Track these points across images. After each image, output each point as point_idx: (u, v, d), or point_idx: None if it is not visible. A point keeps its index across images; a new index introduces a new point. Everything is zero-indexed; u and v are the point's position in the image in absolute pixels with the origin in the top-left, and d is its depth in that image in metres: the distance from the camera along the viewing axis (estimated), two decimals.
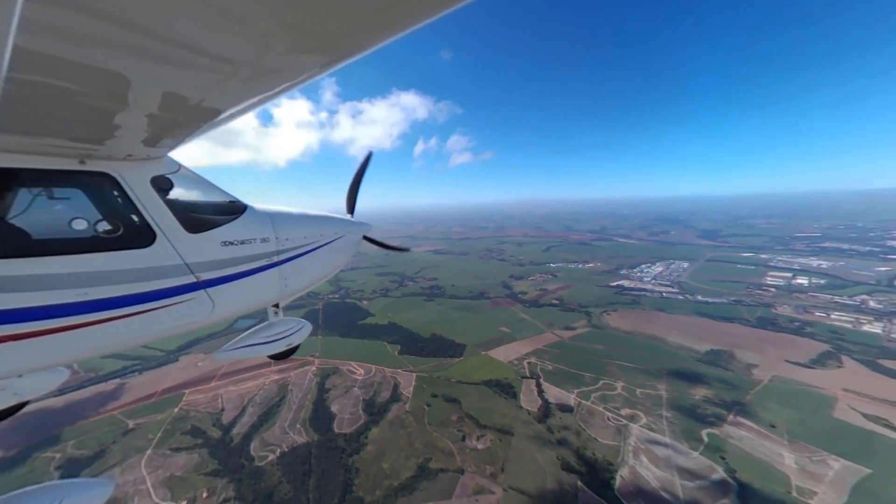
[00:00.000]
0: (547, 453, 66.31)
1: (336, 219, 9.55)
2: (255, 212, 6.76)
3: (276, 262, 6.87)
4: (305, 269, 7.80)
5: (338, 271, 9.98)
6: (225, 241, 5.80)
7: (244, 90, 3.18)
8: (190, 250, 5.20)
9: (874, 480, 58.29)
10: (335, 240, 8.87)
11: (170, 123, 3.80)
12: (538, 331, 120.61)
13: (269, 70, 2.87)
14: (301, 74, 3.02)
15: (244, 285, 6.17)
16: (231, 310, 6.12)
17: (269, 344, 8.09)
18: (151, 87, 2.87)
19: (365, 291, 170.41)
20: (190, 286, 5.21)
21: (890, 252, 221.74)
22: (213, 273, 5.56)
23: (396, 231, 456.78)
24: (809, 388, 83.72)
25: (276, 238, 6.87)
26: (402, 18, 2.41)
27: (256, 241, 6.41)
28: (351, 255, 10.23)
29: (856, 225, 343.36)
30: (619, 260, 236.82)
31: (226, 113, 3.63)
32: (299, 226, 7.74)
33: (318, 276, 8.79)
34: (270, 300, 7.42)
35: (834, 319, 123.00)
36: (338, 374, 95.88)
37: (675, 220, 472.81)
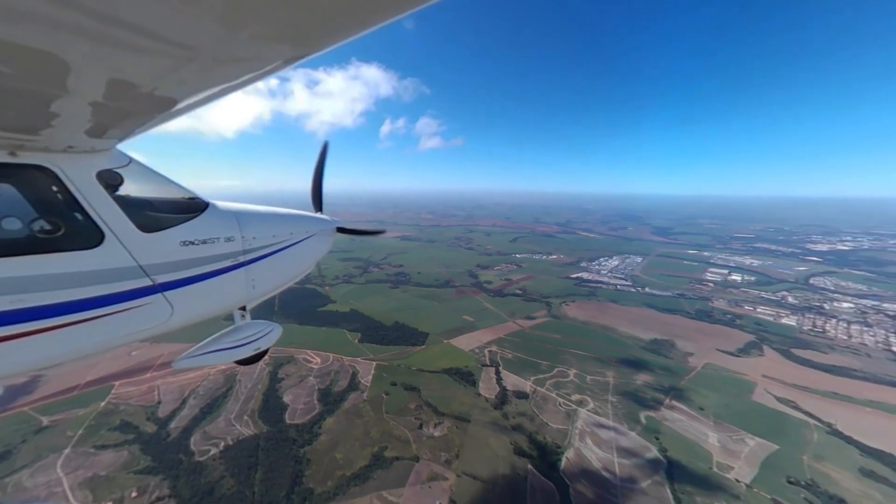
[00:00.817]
0: (501, 439, 68.02)
1: (307, 217, 9.31)
2: (218, 210, 6.43)
3: (242, 262, 6.57)
4: (275, 269, 7.55)
5: (309, 271, 9.73)
6: (184, 241, 5.47)
7: (203, 79, 2.92)
8: (144, 251, 4.87)
9: (780, 455, 66.04)
10: (306, 238, 8.59)
11: (117, 113, 3.48)
12: (500, 320, 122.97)
13: (231, 58, 2.63)
14: (266, 65, 2.80)
15: (207, 288, 5.87)
16: (193, 314, 5.82)
17: (235, 349, 7.67)
18: (95, 73, 2.56)
19: (327, 277, 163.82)
20: (145, 290, 4.89)
21: (808, 254, 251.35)
22: (172, 275, 5.24)
23: (365, 215, 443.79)
24: (735, 375, 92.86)
25: (243, 237, 6.58)
26: (381, 9, 2.23)
27: (220, 241, 6.10)
28: (323, 254, 10.04)
29: (783, 228, 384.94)
30: (580, 253, 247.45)
31: (182, 103, 3.34)
32: (267, 224, 7.44)
33: (289, 277, 8.55)
34: (237, 303, 7.18)
35: (759, 313, 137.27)
36: (292, 363, 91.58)
37: (633, 217, 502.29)
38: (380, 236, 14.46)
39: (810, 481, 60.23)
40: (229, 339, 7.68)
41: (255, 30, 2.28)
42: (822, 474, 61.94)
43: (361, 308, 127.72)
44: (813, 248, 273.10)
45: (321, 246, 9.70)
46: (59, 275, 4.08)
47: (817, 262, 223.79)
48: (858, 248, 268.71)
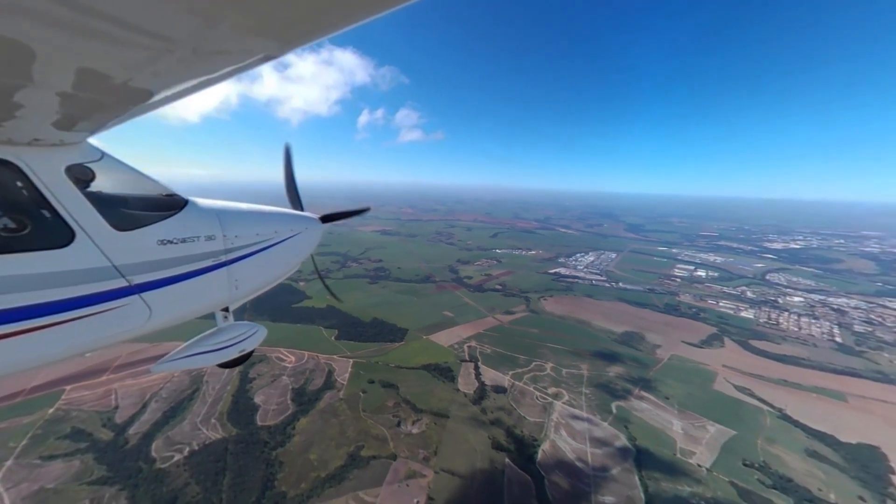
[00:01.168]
0: (479, 434, 68.51)
1: (293, 215, 9.18)
2: (198, 207, 6.25)
3: (224, 261, 6.38)
4: (259, 269, 7.32)
5: (294, 270, 9.43)
6: (162, 240, 5.28)
7: (181, 71, 2.80)
8: (119, 250, 4.68)
9: (737, 440, 70.49)
10: (292, 237, 8.37)
11: (89, 105, 3.31)
12: (480, 315, 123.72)
13: (212, 51, 2.53)
14: (249, 58, 2.71)
15: (187, 288, 5.70)
16: (172, 315, 5.68)
17: (218, 351, 7.46)
18: (63, 62, 2.43)
19: (303, 272, 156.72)
20: (121, 291, 4.72)
21: (765, 251, 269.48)
22: (149, 275, 5.06)
23: (342, 208, 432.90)
24: (698, 365, 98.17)
25: (224, 236, 6.39)
26: (369, 4, 2.21)
27: (200, 240, 5.92)
28: (308, 253, 9.83)
29: (744, 227, 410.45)
30: (558, 248, 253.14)
31: (159, 95, 3.20)
32: (251, 222, 7.24)
33: (273, 277, 8.34)
34: (219, 304, 7.00)
35: (721, 307, 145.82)
36: (265, 361, 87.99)
37: (608, 215, 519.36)
38: (364, 214, 13.74)
39: (763, 463, 64.68)
40: (212, 342, 7.46)
41: (237, 22, 2.17)
42: (773, 456, 66.65)
43: (339, 304, 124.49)
44: (769, 246, 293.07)
45: (307, 244, 9.49)
46: (25, 276, 3.87)
47: (773, 260, 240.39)
48: (808, 247, 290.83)
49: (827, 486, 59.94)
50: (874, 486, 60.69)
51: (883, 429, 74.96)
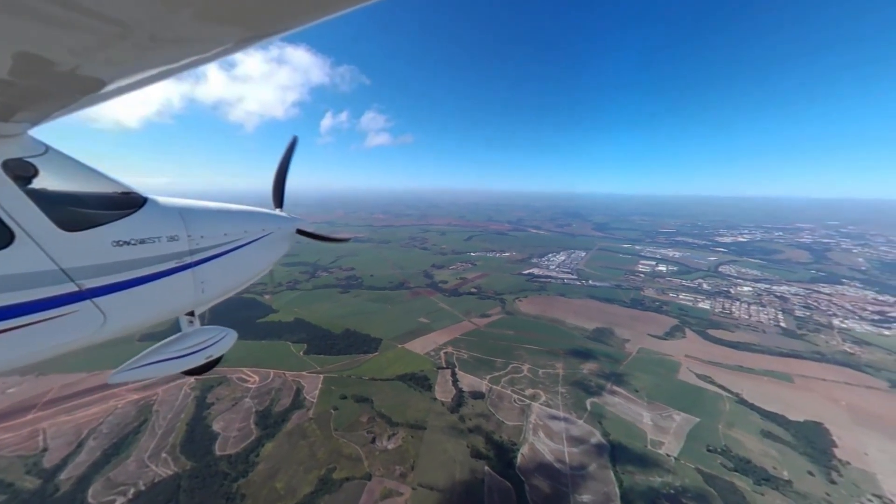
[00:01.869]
0: (458, 443, 67.01)
1: (263, 213, 8.78)
2: (159, 206, 5.93)
3: (189, 263, 6.12)
4: (227, 270, 7.12)
5: (266, 272, 9.17)
6: (117, 241, 4.99)
7: (139, 60, 2.61)
8: (67, 252, 4.43)
9: (701, 427, 74.03)
10: (262, 237, 8.16)
11: (29, 93, 3.08)
12: (456, 320, 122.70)
13: (172, 39, 2.35)
14: (213, 47, 2.54)
15: (147, 292, 5.38)
16: (130, 321, 5.34)
17: (183, 358, 7.07)
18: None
19: (268, 285, 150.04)
20: (70, 296, 4.46)
21: (717, 245, 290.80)
22: (103, 279, 4.78)
23: (312, 216, 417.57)
24: (663, 357, 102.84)
25: (189, 236, 6.12)
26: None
27: (162, 240, 5.62)
28: (281, 253, 9.53)
29: (697, 224, 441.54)
30: (531, 249, 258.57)
31: (113, 85, 2.99)
32: (218, 221, 6.98)
33: (243, 279, 8.16)
34: (183, 307, 6.79)
35: (681, 299, 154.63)
36: (225, 384, 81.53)
37: (576, 215, 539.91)
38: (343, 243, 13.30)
39: (725, 448, 68.19)
40: (176, 348, 7.09)
41: (202, 8, 2.03)
42: (733, 440, 70.51)
43: (308, 316, 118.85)
44: (720, 240, 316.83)
45: (280, 245, 9.15)
46: None
47: (724, 253, 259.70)
48: (753, 240, 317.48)
49: (780, 465, 64.10)
50: (820, 460, 65.70)
51: (824, 405, 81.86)
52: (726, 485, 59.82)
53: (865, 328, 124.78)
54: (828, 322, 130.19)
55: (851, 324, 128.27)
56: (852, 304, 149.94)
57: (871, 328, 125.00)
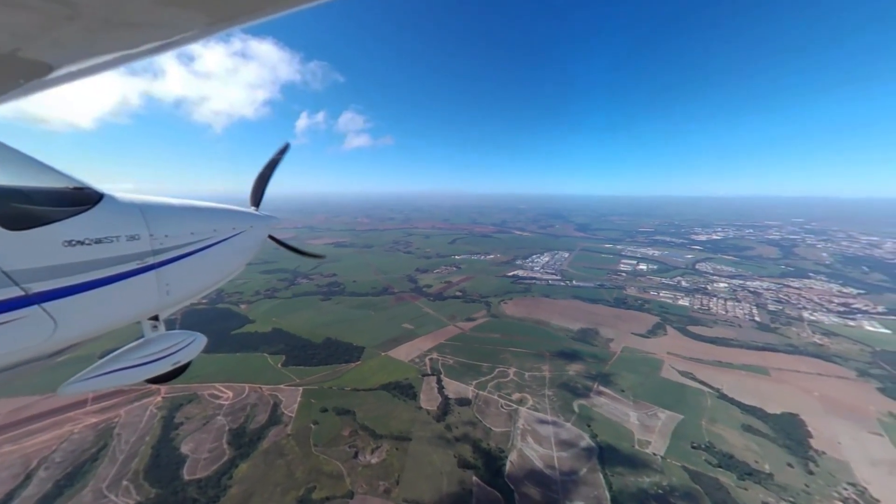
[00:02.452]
0: (445, 453, 64.87)
1: (234, 211, 8.44)
2: (117, 202, 5.57)
3: (151, 264, 5.82)
4: (194, 271, 6.89)
5: (238, 272, 8.85)
6: (69, 241, 4.70)
7: (89, 44, 2.39)
8: (11, 253, 4.20)
9: (685, 424, 74.75)
10: (234, 236, 7.90)
11: None
12: (441, 325, 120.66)
13: (127, 22, 2.21)
14: (174, 33, 2.37)
15: (104, 296, 5.09)
16: (86, 328, 5.08)
17: (146, 365, 6.67)
18: None
19: (245, 293, 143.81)
20: (15, 301, 4.19)
21: (693, 244, 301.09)
22: (53, 282, 4.52)
23: (292, 221, 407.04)
24: (647, 355, 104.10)
25: (151, 235, 5.82)
26: None
27: (121, 240, 5.32)
28: (254, 253, 9.24)
29: (674, 223, 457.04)
30: (515, 251, 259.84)
31: (61, 70, 2.75)
32: (184, 219, 6.69)
33: (212, 280, 7.97)
34: (146, 312, 6.48)
35: (662, 297, 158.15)
36: (195, 401, 76.51)
37: (559, 216, 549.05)
38: (285, 154, 11.83)
39: (708, 444, 68.88)
40: (138, 355, 6.66)
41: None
42: (716, 435, 71.40)
43: (286, 326, 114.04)
44: (696, 238, 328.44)
45: (252, 244, 8.84)
46: None
47: (700, 251, 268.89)
48: (727, 238, 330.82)
49: (762, 458, 65.16)
50: (798, 452, 67.26)
51: (799, 396, 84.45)
52: (711, 481, 60.16)
53: (832, 320, 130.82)
54: (798, 315, 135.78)
55: (820, 316, 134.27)
56: (819, 297, 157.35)
57: (837, 320, 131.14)
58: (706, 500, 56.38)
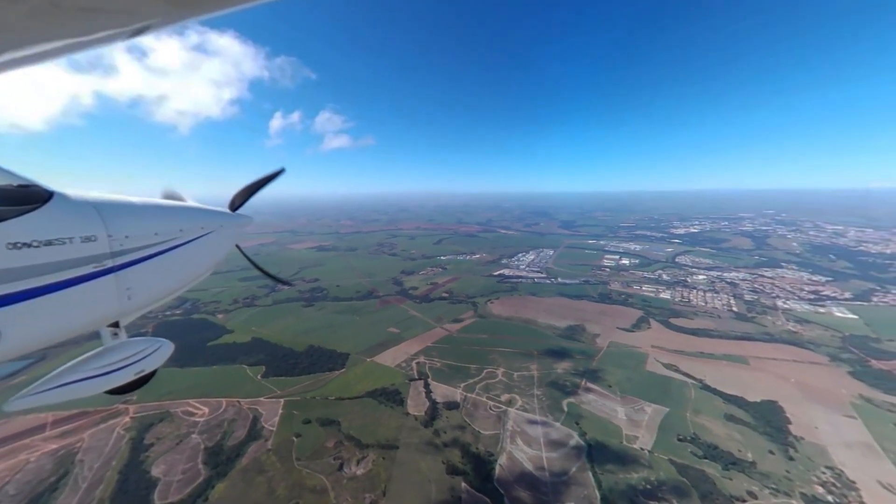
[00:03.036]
0: (433, 460, 63.21)
1: (202, 210, 8.04)
2: (70, 201, 5.25)
3: (110, 267, 5.49)
4: (159, 274, 6.50)
5: (208, 275, 8.54)
6: (14, 243, 4.43)
7: (36, 28, 2.17)
8: None
9: (670, 417, 75.62)
10: (202, 236, 7.54)
11: None
12: (428, 327, 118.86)
13: (78, 7, 2.05)
14: (131, 21, 2.18)
15: (56, 302, 4.78)
16: (35, 337, 4.73)
17: (108, 375, 6.31)
18: None
19: (222, 302, 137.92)
20: None
21: (672, 237, 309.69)
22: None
23: (272, 225, 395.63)
24: (632, 349, 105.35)
25: (110, 236, 5.50)
26: None
27: (74, 241, 5.01)
28: (225, 254, 9.02)
29: (653, 217, 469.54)
30: (501, 250, 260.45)
31: (4, 56, 2.53)
32: (147, 219, 6.32)
33: (179, 283, 7.51)
34: (105, 318, 5.97)
35: (644, 290, 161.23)
36: (167, 420, 72.16)
37: (543, 213, 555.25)
38: (278, 177, 11.29)
39: (694, 435, 69.78)
40: (98, 364, 6.28)
41: None
42: (700, 426, 72.46)
43: (266, 335, 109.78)
44: (675, 232, 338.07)
45: (222, 245, 8.53)
46: None
47: (679, 244, 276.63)
48: (704, 230, 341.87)
49: (745, 447, 66.42)
50: (778, 438, 68.95)
51: (776, 384, 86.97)
52: (698, 473, 60.76)
53: (804, 307, 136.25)
54: (773, 304, 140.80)
55: (792, 304, 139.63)
56: (791, 285, 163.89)
57: (808, 307, 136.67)
58: (693, 493, 56.80)
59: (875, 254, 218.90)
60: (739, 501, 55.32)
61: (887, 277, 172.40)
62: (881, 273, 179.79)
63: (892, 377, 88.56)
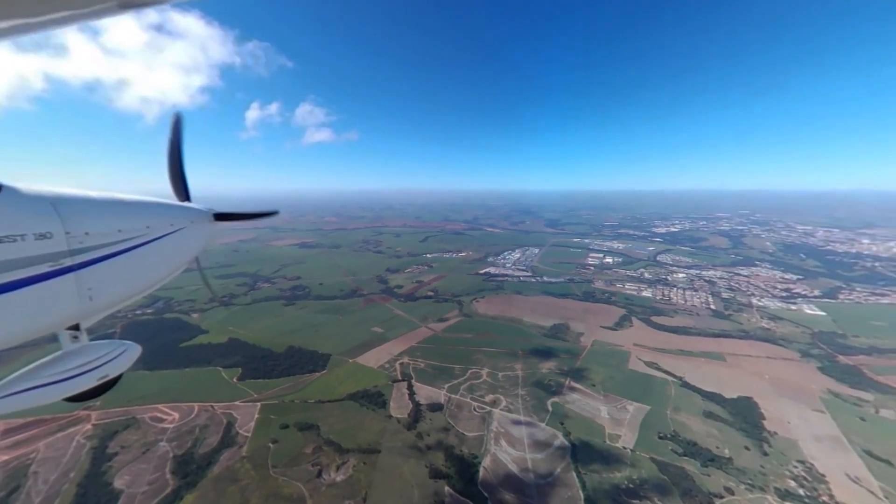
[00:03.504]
0: (416, 464, 61.76)
1: (170, 206, 7.80)
2: (21, 195, 4.97)
3: (68, 266, 5.24)
4: (124, 273, 6.21)
5: (178, 273, 8.18)
6: None
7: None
8: None
9: (652, 415, 76.64)
10: (171, 233, 7.19)
11: None
12: (413, 326, 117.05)
13: None
14: (86, 4, 2.07)
15: (6, 303, 4.55)
16: None
17: (69, 381, 5.94)
18: None
19: (197, 301, 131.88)
20: None
21: (654, 236, 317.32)
22: None
23: (252, 221, 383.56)
24: (615, 347, 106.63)
25: (67, 233, 5.25)
26: None
27: (27, 238, 4.76)
28: (196, 252, 8.68)
29: (636, 216, 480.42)
30: (487, 248, 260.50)
31: None
32: (109, 215, 6.05)
33: (146, 283, 7.19)
34: (63, 320, 5.76)
35: (626, 289, 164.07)
36: (134, 427, 68.00)
37: (529, 212, 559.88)
38: (273, 216, 11.19)
39: (674, 433, 70.84)
40: (57, 370, 5.91)
41: None
42: (680, 424, 73.68)
43: (244, 335, 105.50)
44: (656, 231, 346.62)
45: (193, 243, 8.19)
46: None
47: (660, 243, 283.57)
48: (684, 230, 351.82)
49: (722, 444, 67.85)
50: (753, 434, 70.81)
51: (751, 380, 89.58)
52: (678, 470, 61.55)
53: (777, 305, 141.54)
54: (748, 301, 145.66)
55: (766, 302, 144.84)
56: (765, 283, 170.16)
57: (781, 304, 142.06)
58: (674, 491, 57.45)
59: (842, 253, 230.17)
60: (718, 498, 56.31)
61: (853, 276, 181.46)
62: (847, 272, 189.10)
63: (857, 372, 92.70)
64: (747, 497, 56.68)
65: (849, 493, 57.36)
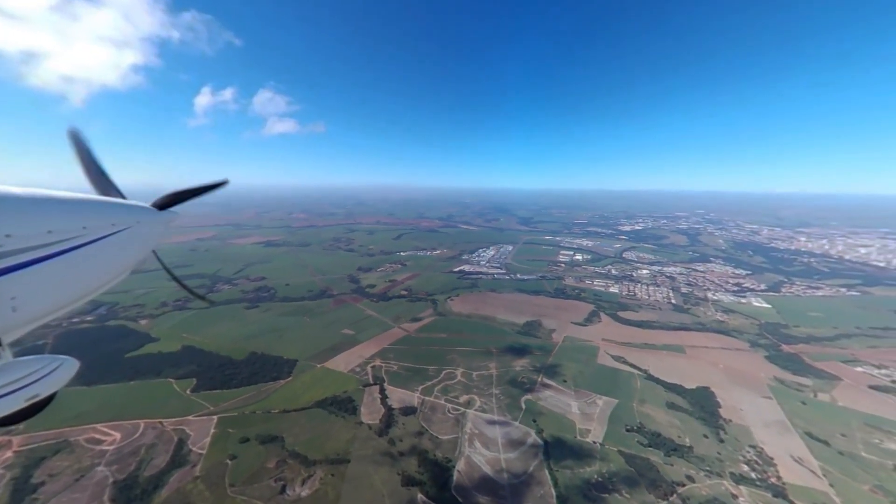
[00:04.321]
0: (387, 472, 59.47)
1: (113, 203, 7.17)
2: None
3: None
4: (55, 280, 5.61)
5: (122, 277, 7.63)
6: None
7: None
8: None
9: (619, 408, 79.11)
10: (112, 234, 6.57)
11: None
12: (385, 327, 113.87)
13: None
14: None
15: None
16: None
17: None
18: None
19: (147, 306, 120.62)
20: None
21: (620, 234, 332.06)
22: None
23: (213, 217, 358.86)
24: (584, 343, 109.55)
25: None
26: None
27: None
28: (143, 254, 8.11)
29: (604, 215, 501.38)
30: (462, 246, 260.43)
31: None
32: (37, 214, 5.43)
33: (84, 289, 6.49)
34: None
35: (595, 285, 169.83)
36: (66, 451, 60.35)
37: (503, 209, 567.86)
38: (221, 187, 9.74)
39: (640, 425, 73.42)
40: None
41: None
42: (645, 416, 76.56)
43: (200, 342, 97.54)
44: (622, 229, 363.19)
45: (139, 244, 7.51)
46: None
47: (626, 240, 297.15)
48: (647, 228, 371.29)
49: (683, 433, 71.16)
50: (710, 422, 74.93)
51: (708, 371, 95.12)
52: (643, 462, 63.68)
53: (730, 298, 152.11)
54: (704, 296, 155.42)
55: (720, 296, 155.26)
56: (719, 278, 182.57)
57: (733, 298, 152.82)
58: (641, 482, 59.27)
59: (783, 249, 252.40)
60: (680, 486, 58.76)
61: (793, 270, 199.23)
62: (788, 267, 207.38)
63: (798, 360, 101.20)
64: (706, 483, 59.58)
65: (794, 474, 61.93)
